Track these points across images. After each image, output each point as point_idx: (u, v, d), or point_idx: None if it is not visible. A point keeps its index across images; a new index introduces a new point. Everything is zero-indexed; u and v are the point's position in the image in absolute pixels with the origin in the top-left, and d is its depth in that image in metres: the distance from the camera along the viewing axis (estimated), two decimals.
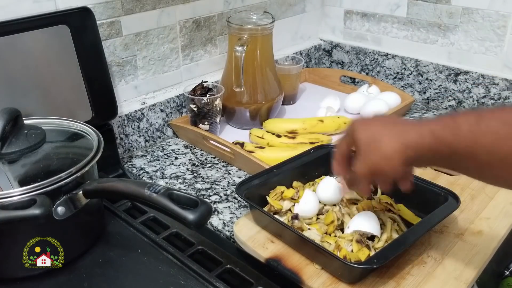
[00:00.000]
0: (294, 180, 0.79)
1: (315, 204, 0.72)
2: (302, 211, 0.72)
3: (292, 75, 1.15)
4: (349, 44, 1.30)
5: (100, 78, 0.84)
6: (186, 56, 1.05)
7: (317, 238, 0.68)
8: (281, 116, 1.11)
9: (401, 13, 1.18)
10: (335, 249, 0.65)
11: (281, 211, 0.74)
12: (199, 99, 0.96)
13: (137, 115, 0.97)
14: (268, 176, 0.77)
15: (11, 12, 0.76)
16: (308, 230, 0.70)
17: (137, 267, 0.63)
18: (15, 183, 0.60)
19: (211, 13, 1.07)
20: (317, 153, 0.83)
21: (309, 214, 0.72)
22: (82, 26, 0.80)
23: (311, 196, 0.73)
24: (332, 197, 0.74)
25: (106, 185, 0.62)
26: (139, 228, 0.70)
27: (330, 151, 0.83)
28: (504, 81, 1.05)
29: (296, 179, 0.79)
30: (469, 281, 0.62)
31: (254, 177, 0.76)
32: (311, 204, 0.72)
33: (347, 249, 0.65)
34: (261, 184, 0.76)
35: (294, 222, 0.70)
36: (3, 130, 0.61)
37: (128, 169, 0.93)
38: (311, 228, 0.70)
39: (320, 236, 0.68)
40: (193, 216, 0.54)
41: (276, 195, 0.75)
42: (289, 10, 1.26)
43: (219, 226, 0.76)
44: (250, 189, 0.74)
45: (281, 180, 0.78)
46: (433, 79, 1.16)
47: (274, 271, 0.64)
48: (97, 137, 0.67)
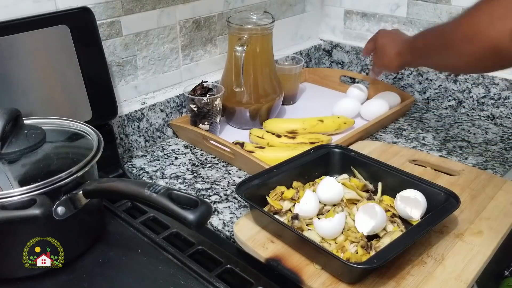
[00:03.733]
0: (294, 180, 0.79)
1: (315, 204, 0.72)
2: (302, 211, 0.71)
3: (292, 75, 1.16)
4: (349, 44, 1.30)
5: (100, 78, 0.84)
6: (186, 56, 1.05)
7: (317, 238, 0.68)
8: (281, 116, 1.11)
9: (401, 13, 1.18)
10: (338, 249, 0.65)
11: (281, 211, 0.74)
12: (199, 99, 0.96)
13: (137, 115, 0.97)
14: (268, 176, 0.77)
15: (11, 12, 0.76)
16: (308, 230, 0.70)
17: (137, 267, 0.63)
18: (15, 183, 0.60)
19: (211, 13, 1.07)
20: (317, 153, 0.83)
21: (309, 214, 0.72)
22: (82, 26, 0.80)
23: (311, 196, 0.72)
24: (332, 197, 0.74)
25: (106, 185, 0.62)
26: (139, 228, 0.70)
27: (330, 151, 0.84)
28: (504, 81, 1.05)
29: (296, 179, 0.79)
30: (469, 281, 0.62)
31: (254, 177, 0.76)
32: (311, 204, 0.72)
33: (351, 251, 0.65)
34: (261, 184, 0.76)
35: (294, 222, 0.70)
36: (3, 130, 0.61)
37: (128, 169, 0.93)
38: (311, 229, 0.70)
39: (320, 237, 0.68)
40: (193, 216, 0.54)
41: (276, 195, 0.75)
42: (289, 10, 1.26)
43: (219, 226, 0.76)
44: (250, 189, 0.73)
45: (281, 180, 0.78)
46: (433, 79, 1.16)
47: (274, 271, 0.64)
48: (97, 137, 0.67)
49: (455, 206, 0.69)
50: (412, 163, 0.88)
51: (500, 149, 0.97)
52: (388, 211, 0.72)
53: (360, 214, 0.70)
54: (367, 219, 0.69)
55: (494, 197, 0.78)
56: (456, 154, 0.95)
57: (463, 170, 0.85)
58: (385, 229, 0.69)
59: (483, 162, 0.92)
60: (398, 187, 0.74)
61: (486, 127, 1.07)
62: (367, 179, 0.80)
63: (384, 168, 0.79)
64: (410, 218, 0.71)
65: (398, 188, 0.74)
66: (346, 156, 0.83)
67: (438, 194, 0.72)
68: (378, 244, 0.66)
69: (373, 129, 1.04)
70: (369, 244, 0.66)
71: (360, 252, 0.65)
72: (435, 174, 0.85)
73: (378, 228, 0.68)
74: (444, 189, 0.72)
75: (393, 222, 0.71)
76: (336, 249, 0.65)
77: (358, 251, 0.65)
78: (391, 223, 0.70)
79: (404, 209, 0.71)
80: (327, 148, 0.84)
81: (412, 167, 0.87)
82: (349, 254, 0.64)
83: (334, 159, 0.83)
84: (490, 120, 1.09)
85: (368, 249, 0.66)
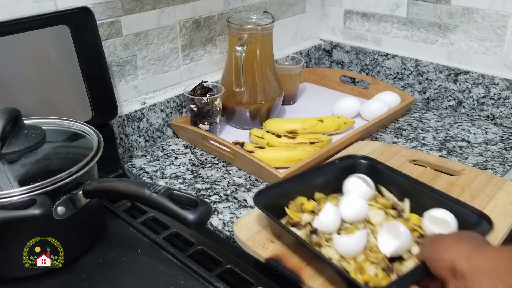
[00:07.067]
0: (316, 191, 0.75)
1: (336, 218, 0.67)
2: (322, 225, 0.66)
3: (292, 75, 1.16)
4: (349, 44, 1.30)
5: (100, 78, 0.84)
6: (186, 56, 1.05)
7: (336, 256, 0.63)
8: (281, 116, 1.11)
9: (401, 13, 1.18)
10: (357, 270, 0.60)
11: (300, 224, 0.69)
12: (199, 99, 0.96)
13: (137, 115, 0.97)
14: (288, 186, 0.73)
15: (11, 12, 0.76)
16: (327, 247, 0.65)
17: (137, 267, 0.63)
18: (15, 183, 0.60)
19: (211, 13, 1.07)
20: (342, 164, 0.79)
21: (328, 229, 0.66)
22: (82, 26, 0.80)
23: (332, 210, 0.67)
24: (355, 215, 0.68)
25: (106, 185, 0.62)
26: (139, 228, 0.70)
27: (356, 162, 0.79)
28: (504, 81, 1.05)
29: (318, 190, 0.75)
30: None
31: (274, 186, 0.73)
32: (331, 218, 0.66)
33: (370, 273, 0.60)
34: (281, 194, 0.72)
35: (312, 237, 0.65)
36: (3, 130, 0.61)
37: (128, 169, 0.93)
38: (330, 245, 0.65)
39: (339, 254, 0.63)
40: (193, 216, 0.54)
41: (296, 207, 0.71)
42: (289, 10, 1.26)
43: (219, 226, 0.76)
44: (268, 198, 0.69)
45: (302, 190, 0.73)
46: (433, 79, 1.16)
47: (274, 271, 0.64)
48: (97, 137, 0.67)
49: (488, 230, 0.63)
50: (412, 163, 0.88)
51: (500, 149, 0.97)
52: (415, 231, 0.67)
53: (384, 233, 0.65)
54: (390, 239, 0.64)
55: (494, 197, 0.78)
56: (456, 154, 0.95)
57: (463, 170, 0.85)
58: (410, 251, 0.64)
59: (483, 162, 0.92)
60: (428, 206, 0.69)
61: (486, 127, 1.07)
62: (395, 194, 0.75)
63: (414, 184, 0.74)
64: None
65: (428, 206, 0.69)
66: (373, 168, 0.78)
67: (470, 216, 0.66)
68: (401, 267, 0.61)
69: (373, 129, 1.04)
70: (391, 266, 0.61)
71: (380, 275, 0.60)
72: (435, 174, 0.85)
73: (402, 249, 0.63)
74: (477, 211, 0.67)
75: (419, 244, 0.65)
76: (354, 270, 0.61)
77: (378, 273, 0.60)
78: (417, 245, 0.65)
79: (431, 230, 0.66)
80: (354, 159, 0.80)
81: (412, 167, 0.87)
82: (368, 276, 0.59)
83: (360, 171, 0.77)
84: (490, 120, 1.09)
85: (390, 272, 0.60)
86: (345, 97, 1.12)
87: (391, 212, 0.72)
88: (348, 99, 1.11)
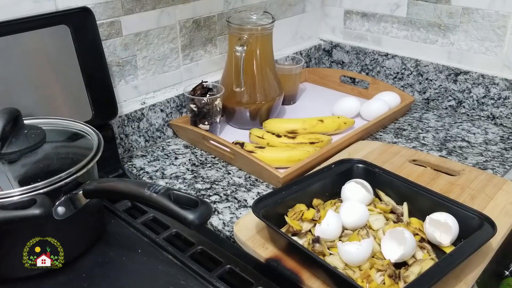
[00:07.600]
0: (314, 198, 0.75)
1: (338, 225, 0.67)
2: (324, 233, 0.66)
3: (292, 75, 1.16)
4: (349, 44, 1.31)
5: (100, 78, 0.84)
6: (186, 56, 1.05)
7: (340, 265, 0.63)
8: (281, 116, 1.11)
9: (401, 13, 1.18)
10: (363, 279, 0.60)
11: (300, 232, 0.69)
12: (199, 99, 0.96)
13: (137, 115, 0.97)
14: (286, 193, 0.73)
15: (11, 12, 0.76)
16: (331, 255, 0.65)
17: (137, 267, 0.63)
18: (15, 183, 0.60)
19: (211, 13, 1.07)
20: (339, 168, 0.79)
21: (331, 236, 0.66)
22: (82, 26, 0.80)
23: (333, 217, 0.67)
24: (356, 222, 0.69)
25: (106, 185, 0.62)
26: (139, 228, 0.70)
27: (352, 166, 0.79)
28: (504, 81, 1.05)
29: (316, 196, 0.76)
30: (469, 281, 0.62)
31: (272, 194, 0.72)
32: (334, 225, 0.66)
33: (377, 280, 0.60)
34: (279, 202, 0.72)
35: (315, 246, 0.65)
36: (3, 130, 0.61)
37: (128, 169, 0.93)
38: (333, 253, 0.65)
39: (343, 262, 0.63)
40: (193, 216, 0.54)
41: (295, 215, 0.71)
42: (289, 10, 1.26)
43: (219, 226, 0.76)
44: (267, 207, 0.69)
45: (300, 197, 0.74)
46: (433, 79, 1.16)
47: (274, 271, 0.64)
48: (97, 137, 0.67)
49: (491, 233, 0.63)
50: (412, 163, 0.88)
51: (500, 149, 0.97)
52: (416, 235, 0.67)
53: (387, 239, 0.65)
54: (395, 245, 0.64)
55: (494, 197, 0.78)
56: (456, 154, 0.95)
57: (463, 170, 0.85)
58: (414, 256, 0.64)
59: (483, 162, 0.92)
60: (428, 209, 0.69)
61: (486, 127, 1.07)
62: (392, 198, 0.75)
63: (413, 187, 0.74)
64: (439, 243, 0.66)
65: (428, 210, 0.69)
66: (369, 172, 0.78)
67: (471, 219, 0.66)
68: (407, 273, 0.61)
69: (373, 129, 1.04)
70: (397, 273, 0.61)
71: (388, 282, 0.60)
72: (435, 174, 0.85)
73: (407, 256, 0.63)
74: (478, 213, 0.67)
75: (422, 248, 0.66)
76: (361, 278, 0.60)
77: (385, 281, 0.60)
78: (421, 249, 0.66)
79: (432, 234, 0.66)
80: (350, 163, 0.80)
81: (412, 167, 0.87)
82: (376, 285, 0.59)
83: (357, 175, 0.78)
84: (490, 120, 1.09)
85: (396, 278, 0.60)
86: (345, 97, 1.12)
87: (391, 216, 0.72)
88: (348, 99, 1.11)
